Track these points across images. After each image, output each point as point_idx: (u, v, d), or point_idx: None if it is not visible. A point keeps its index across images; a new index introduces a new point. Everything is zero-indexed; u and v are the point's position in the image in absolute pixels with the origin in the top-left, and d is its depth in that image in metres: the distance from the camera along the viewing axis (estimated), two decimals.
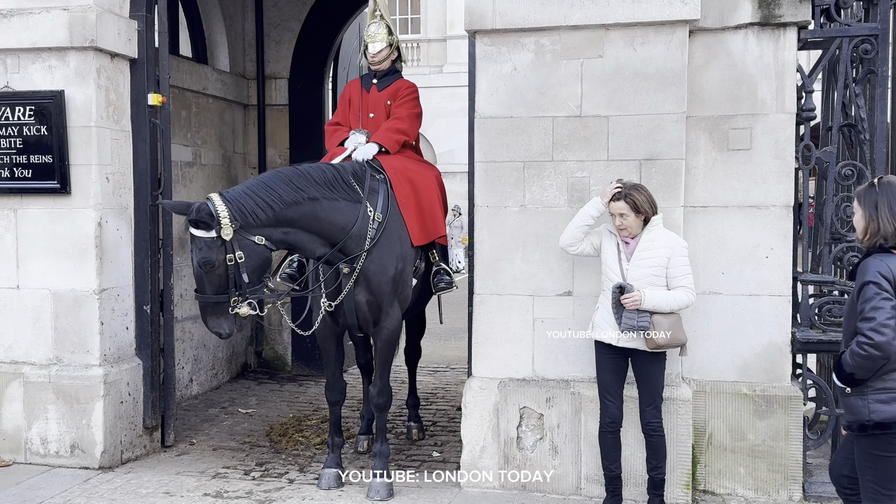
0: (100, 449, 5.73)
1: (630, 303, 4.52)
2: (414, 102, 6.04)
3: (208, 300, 4.85)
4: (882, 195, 3.50)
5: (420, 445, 6.44)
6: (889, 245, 3.48)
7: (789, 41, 5.13)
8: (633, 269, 4.63)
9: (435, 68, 27.27)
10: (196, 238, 4.74)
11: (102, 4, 5.70)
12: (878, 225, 3.48)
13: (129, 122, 6.00)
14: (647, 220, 4.65)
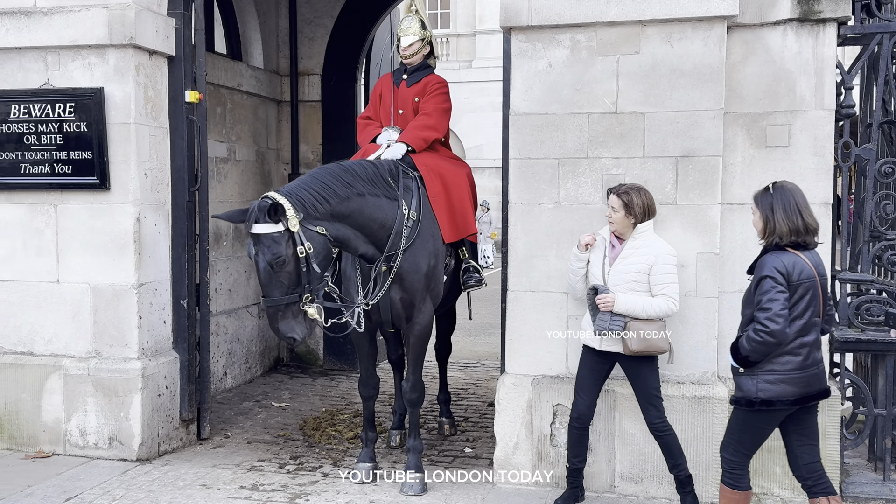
0: (137, 441, 5.82)
1: (602, 304, 4.57)
2: (443, 97, 6.01)
3: (280, 302, 4.66)
4: (776, 199, 3.91)
5: (452, 441, 6.46)
6: (784, 243, 3.88)
7: (829, 37, 5.07)
8: (614, 273, 4.67)
9: (464, 63, 27.25)
10: (262, 236, 4.60)
11: (141, 2, 5.77)
12: (773, 225, 3.89)
13: (166, 119, 6.07)
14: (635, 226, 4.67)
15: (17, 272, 6.03)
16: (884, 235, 5.22)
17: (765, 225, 3.94)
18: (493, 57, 24.78)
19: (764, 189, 4.03)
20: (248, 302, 8.47)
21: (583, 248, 4.77)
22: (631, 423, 5.14)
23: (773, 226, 3.90)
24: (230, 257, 8.14)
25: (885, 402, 5.24)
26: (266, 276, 4.66)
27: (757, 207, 3.99)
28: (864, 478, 5.31)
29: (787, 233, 3.88)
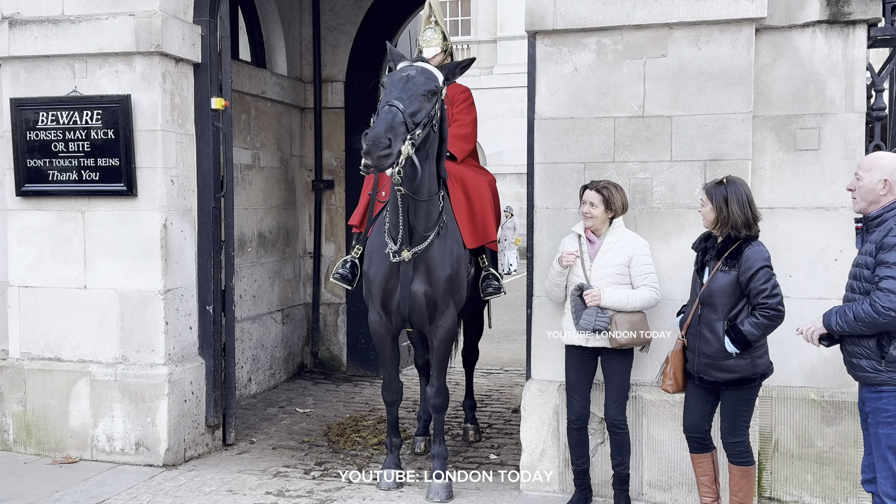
0: (164, 447, 5.83)
1: (590, 299, 4.64)
2: (472, 108, 6.13)
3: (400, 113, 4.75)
4: (730, 192, 4.24)
5: (477, 447, 6.43)
6: (742, 235, 4.24)
7: (859, 39, 5.00)
8: (597, 269, 4.74)
9: (485, 70, 27.25)
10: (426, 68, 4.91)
11: (167, 10, 5.81)
12: (727, 217, 4.23)
13: (192, 126, 6.11)
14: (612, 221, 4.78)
15: (45, 278, 6.08)
16: None
17: (717, 216, 4.26)
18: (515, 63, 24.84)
19: (717, 182, 4.33)
20: (272, 308, 8.49)
21: (566, 264, 4.81)
22: (659, 429, 5.09)
23: (727, 217, 4.24)
24: (255, 263, 8.16)
25: None
26: (404, 83, 4.80)
27: (709, 200, 4.28)
28: None
29: (741, 224, 4.23)
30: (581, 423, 4.93)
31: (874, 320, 3.67)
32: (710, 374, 4.36)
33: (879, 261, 3.69)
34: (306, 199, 9.09)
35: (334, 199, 9.01)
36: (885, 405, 3.76)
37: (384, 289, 5.34)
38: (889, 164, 3.80)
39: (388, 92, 4.80)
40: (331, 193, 9.03)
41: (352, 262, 5.86)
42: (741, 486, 4.43)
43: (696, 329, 4.39)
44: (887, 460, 3.78)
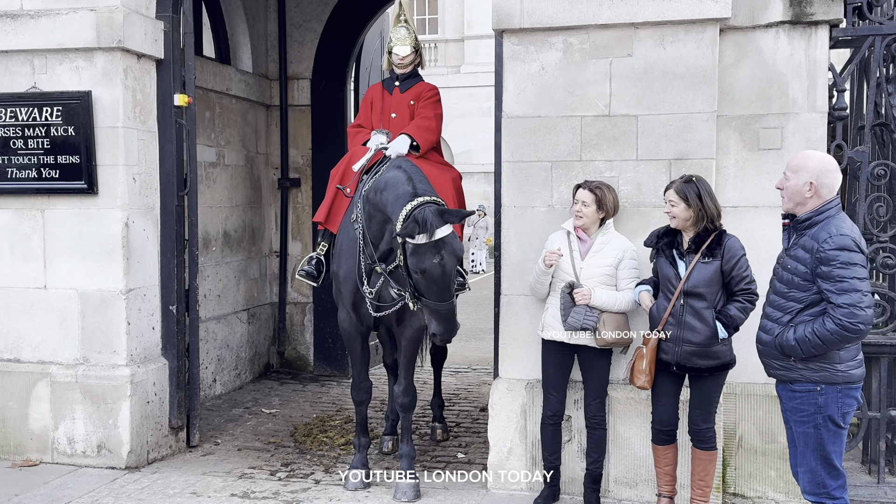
0: (126, 449, 5.74)
1: (581, 297, 4.69)
2: (438, 105, 6.11)
3: (454, 304, 4.81)
4: (701, 188, 4.44)
5: (445, 446, 6.41)
6: (713, 226, 4.45)
7: (821, 40, 5.07)
8: (588, 267, 4.78)
9: (452, 69, 27.27)
10: (447, 238, 4.70)
11: (129, 5, 5.71)
12: (704, 211, 4.41)
13: (155, 123, 6.02)
14: (602, 222, 4.83)
15: (4, 278, 5.95)
16: (876, 238, 5.22)
17: (695, 212, 4.42)
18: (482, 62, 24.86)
19: (685, 181, 4.48)
20: (237, 308, 8.41)
21: (550, 263, 4.82)
22: (626, 426, 5.11)
23: (705, 212, 4.42)
24: (219, 262, 8.07)
25: (879, 404, 5.23)
26: (451, 278, 4.75)
27: (682, 199, 4.43)
28: (858, 480, 5.30)
29: (716, 216, 4.45)
30: (557, 419, 4.97)
31: (844, 338, 3.66)
32: (693, 363, 4.48)
33: (821, 275, 3.67)
34: (272, 198, 9.01)
35: (301, 197, 8.94)
36: (799, 405, 3.83)
37: (355, 291, 5.31)
38: (816, 166, 3.78)
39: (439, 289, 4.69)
40: (297, 192, 8.95)
41: (317, 258, 5.83)
42: (708, 471, 4.62)
43: (679, 320, 4.47)
44: (806, 457, 3.85)
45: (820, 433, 3.78)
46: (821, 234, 3.71)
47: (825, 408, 3.76)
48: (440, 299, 4.69)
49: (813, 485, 3.84)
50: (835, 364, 3.75)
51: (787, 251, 3.91)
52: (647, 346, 4.57)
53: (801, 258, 3.78)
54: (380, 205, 5.08)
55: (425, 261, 4.64)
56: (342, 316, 5.48)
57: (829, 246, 3.65)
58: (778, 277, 3.95)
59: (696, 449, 4.62)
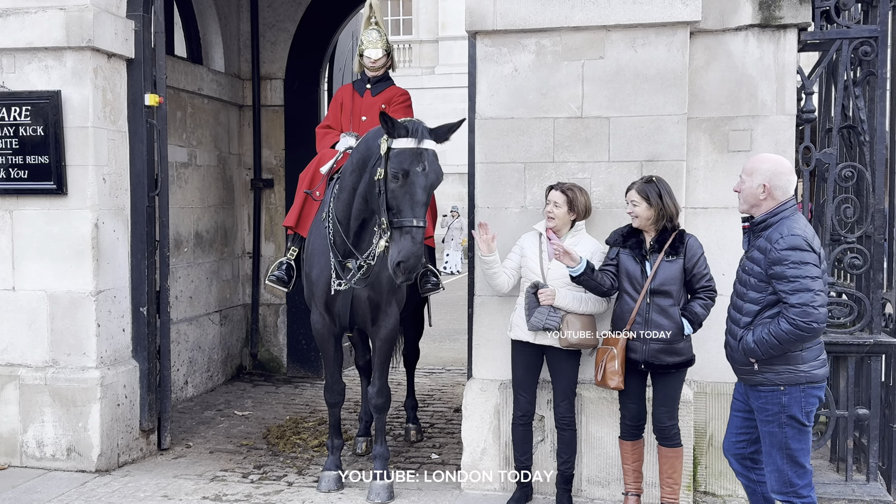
0: (96, 452, 5.68)
1: (544, 297, 4.72)
2: (409, 110, 6.09)
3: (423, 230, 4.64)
4: (661, 187, 4.54)
5: (418, 447, 6.42)
6: (675, 225, 4.57)
7: (789, 43, 5.14)
8: (555, 268, 4.80)
9: (427, 70, 27.27)
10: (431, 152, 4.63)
11: (99, 4, 5.66)
12: (665, 210, 4.52)
13: (125, 123, 5.97)
14: (574, 224, 4.87)
15: None
16: (844, 239, 5.30)
17: (656, 212, 4.52)
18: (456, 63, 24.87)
19: (646, 181, 4.59)
20: (209, 309, 8.35)
21: (490, 251, 4.87)
22: (598, 426, 5.14)
23: (665, 211, 4.53)
24: (191, 264, 8.01)
25: (847, 403, 5.31)
26: (428, 195, 4.64)
27: (644, 199, 4.52)
28: (826, 478, 5.38)
29: (675, 214, 4.57)
30: (527, 419, 4.99)
31: (800, 337, 3.73)
32: (660, 360, 4.58)
33: (775, 275, 3.75)
34: (245, 199, 8.96)
35: (274, 198, 8.90)
36: (764, 405, 3.90)
37: (328, 291, 5.29)
38: (769, 169, 3.86)
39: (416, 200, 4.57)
40: (270, 192, 8.91)
41: (287, 263, 5.80)
42: (675, 467, 4.69)
43: (646, 318, 4.55)
44: (772, 456, 3.90)
45: (784, 432, 3.84)
46: (773, 235, 3.78)
47: (788, 407, 3.83)
48: (413, 214, 4.55)
49: (780, 484, 3.89)
50: (798, 365, 3.82)
51: (746, 253, 3.99)
52: (617, 347, 4.61)
53: (756, 259, 3.86)
54: (358, 157, 4.96)
55: (406, 163, 4.56)
56: (315, 318, 5.46)
57: (781, 246, 3.73)
58: (738, 280, 4.02)
59: (663, 447, 4.70)
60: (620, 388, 4.66)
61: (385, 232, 4.62)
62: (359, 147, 5.07)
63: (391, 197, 4.59)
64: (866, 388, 5.28)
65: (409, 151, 4.58)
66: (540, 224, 4.95)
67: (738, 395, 4.14)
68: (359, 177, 4.96)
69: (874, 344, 5.20)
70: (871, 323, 5.24)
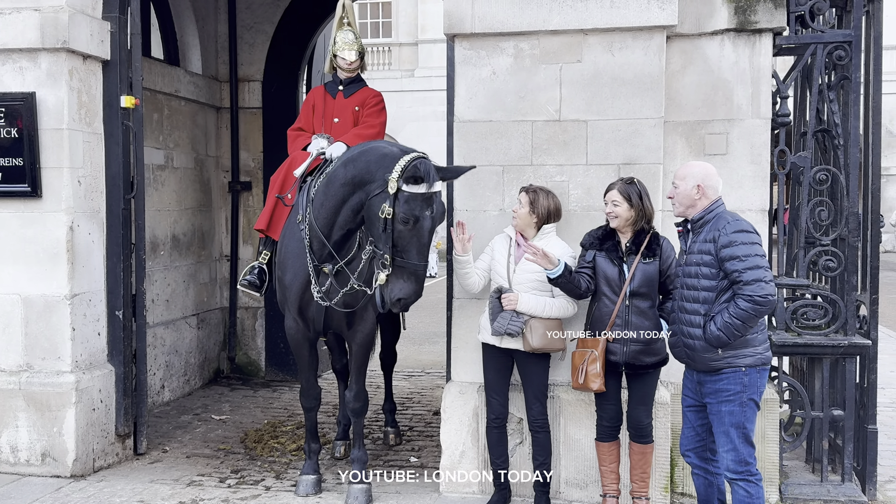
0: (72, 457, 5.62)
1: (507, 303, 4.73)
2: (382, 113, 6.09)
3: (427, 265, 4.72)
4: (641, 189, 4.61)
5: (397, 451, 6.40)
6: (648, 227, 4.64)
7: (765, 47, 5.19)
8: (520, 273, 4.82)
9: (406, 72, 27.25)
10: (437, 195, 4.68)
11: (75, 5, 5.61)
12: (644, 211, 4.59)
13: (101, 125, 5.91)
14: (540, 227, 4.86)
15: None
16: (819, 241, 5.35)
17: (636, 213, 4.58)
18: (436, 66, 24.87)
19: (628, 182, 4.63)
20: (186, 313, 8.29)
21: (465, 251, 4.89)
22: (576, 428, 5.16)
23: (644, 212, 4.60)
24: (168, 267, 7.95)
25: (822, 404, 5.36)
26: (431, 236, 4.70)
27: (625, 199, 4.57)
28: (802, 479, 5.43)
29: (652, 217, 4.67)
30: (501, 422, 5.00)
31: (758, 311, 3.94)
32: (640, 360, 4.65)
33: (727, 256, 3.98)
34: (223, 201, 8.91)
35: (252, 200, 8.86)
36: (725, 385, 4.09)
37: (302, 296, 5.26)
38: (700, 172, 4.19)
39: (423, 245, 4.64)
40: (248, 195, 8.87)
41: (259, 268, 5.77)
42: (648, 462, 4.83)
43: (625, 320, 4.61)
44: (730, 435, 4.10)
45: (744, 412, 4.08)
46: (719, 224, 4.07)
47: (749, 388, 4.08)
48: (420, 258, 4.61)
49: (737, 463, 4.10)
50: (756, 347, 4.09)
51: (687, 253, 4.22)
52: (598, 350, 4.63)
53: (705, 250, 4.09)
54: (354, 173, 4.89)
55: (418, 209, 4.58)
56: (289, 323, 5.42)
57: (730, 230, 4.01)
58: (685, 277, 4.20)
59: (637, 444, 4.79)
60: (602, 391, 4.68)
61: (386, 268, 4.64)
62: (355, 161, 4.93)
63: (398, 237, 4.63)
64: (841, 389, 5.33)
65: (420, 196, 4.60)
66: (510, 227, 4.96)
67: (689, 392, 4.34)
68: (351, 192, 4.91)
69: (849, 345, 5.25)
70: (845, 325, 5.29)
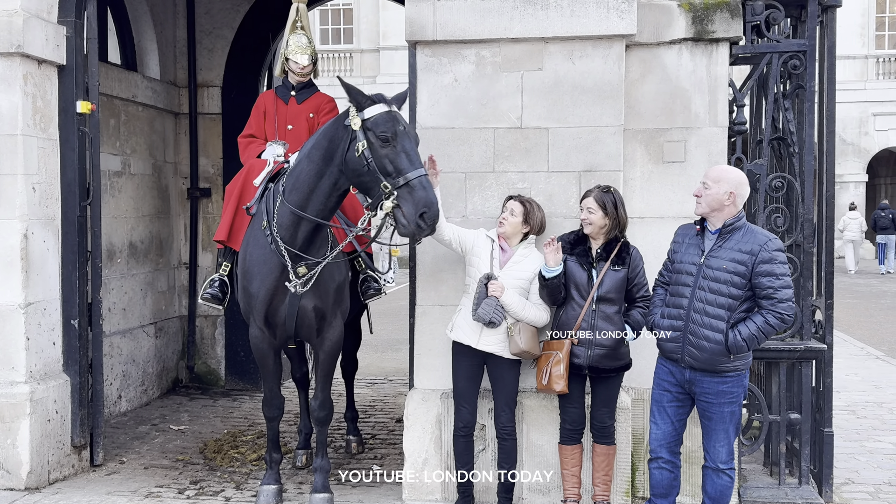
0: (26, 469, 5.50)
1: (494, 288, 4.76)
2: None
3: None
4: (616, 197, 4.69)
5: (360, 459, 6.36)
6: (621, 236, 4.73)
7: (721, 56, 5.27)
8: (505, 276, 4.86)
9: (368, 79, 27.19)
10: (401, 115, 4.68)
11: (30, 9, 5.50)
12: (618, 220, 4.68)
13: (56, 131, 5.81)
14: (526, 237, 4.93)
15: None
16: None
17: (611, 221, 4.67)
18: (398, 73, 24.89)
19: (604, 190, 4.71)
20: (143, 321, 8.16)
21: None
22: (539, 434, 5.17)
23: (618, 221, 4.69)
24: (125, 275, 7.83)
25: (779, 408, 5.44)
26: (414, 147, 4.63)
27: (600, 207, 4.66)
28: (760, 482, 5.51)
29: (625, 226, 4.74)
30: (468, 431, 4.99)
31: (782, 328, 4.33)
32: (604, 364, 4.74)
33: (765, 272, 4.17)
34: (181, 208, 8.79)
35: (211, 207, 8.76)
36: (730, 388, 4.35)
37: (269, 304, 5.18)
38: (735, 179, 4.32)
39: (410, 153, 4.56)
40: (207, 202, 8.77)
41: (220, 280, 5.67)
42: (611, 464, 4.91)
43: (591, 324, 4.69)
44: (728, 432, 4.41)
45: (740, 409, 4.47)
46: (758, 237, 4.25)
47: (745, 388, 4.46)
48: (415, 166, 4.50)
49: (728, 455, 4.44)
50: (751, 352, 4.37)
51: (709, 255, 4.31)
52: (562, 352, 4.70)
53: (740, 260, 4.23)
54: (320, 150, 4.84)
55: (391, 126, 4.55)
56: (254, 332, 5.34)
57: (773, 247, 4.21)
58: (710, 280, 4.29)
59: (601, 445, 4.87)
60: (565, 392, 4.74)
61: (388, 197, 4.50)
62: (318, 143, 4.91)
63: (384, 161, 4.53)
64: (798, 393, 5.42)
65: (386, 114, 4.60)
66: (492, 231, 4.97)
67: (670, 387, 4.48)
68: (326, 166, 4.83)
69: (805, 350, 5.34)
70: (801, 329, 5.38)
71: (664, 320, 4.46)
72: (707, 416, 4.43)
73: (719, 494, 4.47)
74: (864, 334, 12.33)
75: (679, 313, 4.38)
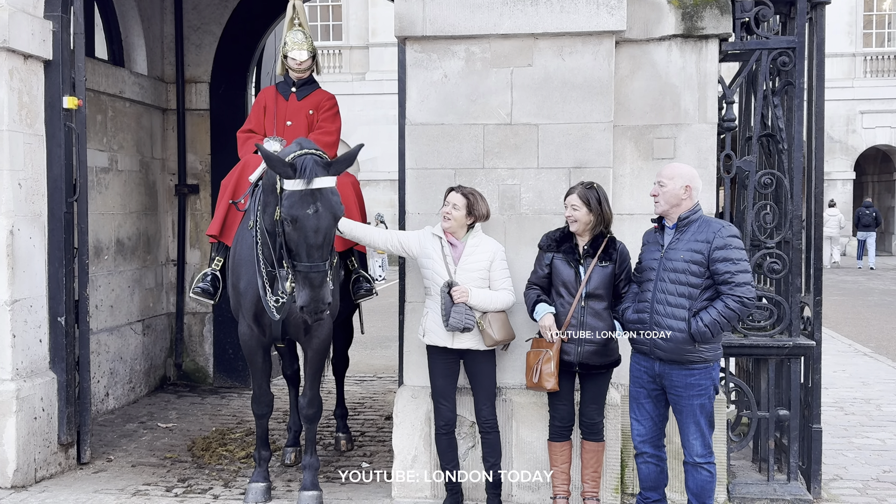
0: (12, 467, 5.46)
1: (459, 295, 4.74)
2: (338, 117, 6.08)
3: (325, 268, 4.49)
4: (600, 194, 4.69)
5: (349, 456, 6.35)
6: (608, 232, 4.73)
7: (711, 53, 5.27)
8: (462, 272, 4.84)
9: (357, 76, 27.13)
10: (326, 190, 4.45)
11: (15, 4, 5.45)
12: (603, 216, 4.67)
13: (42, 126, 5.76)
14: (472, 226, 4.91)
15: None
16: (764, 244, 5.44)
17: (596, 218, 4.67)
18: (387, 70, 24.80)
19: (586, 187, 4.69)
20: (131, 319, 8.11)
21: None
22: (529, 431, 5.17)
23: (602, 217, 4.68)
24: (112, 272, 7.77)
25: (768, 404, 5.45)
26: (324, 237, 4.46)
27: (585, 204, 4.64)
28: (749, 478, 5.52)
29: (610, 221, 4.75)
30: (450, 428, 4.99)
31: (744, 312, 4.30)
32: (594, 361, 4.74)
33: (721, 258, 4.25)
34: (169, 205, 8.74)
35: (199, 204, 8.71)
36: (698, 381, 4.39)
37: (257, 302, 5.16)
38: (688, 173, 4.45)
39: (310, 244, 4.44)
40: (195, 198, 8.72)
41: (213, 274, 5.65)
42: (600, 461, 4.92)
43: (580, 321, 4.68)
44: (700, 424, 4.44)
45: (711, 402, 4.45)
46: (712, 226, 4.35)
47: (714, 380, 4.45)
48: (308, 258, 4.42)
49: (704, 447, 4.46)
50: (716, 343, 4.41)
51: (669, 248, 4.41)
52: (552, 350, 4.68)
53: (697, 249, 4.31)
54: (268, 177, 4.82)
55: (297, 208, 4.41)
56: (243, 329, 5.32)
57: (725, 234, 4.30)
58: (669, 272, 4.36)
59: (589, 442, 4.87)
60: (556, 390, 4.73)
61: (287, 277, 4.57)
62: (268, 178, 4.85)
63: (288, 240, 4.50)
64: (786, 389, 5.44)
65: (297, 194, 4.43)
66: (437, 227, 4.95)
67: (645, 383, 4.53)
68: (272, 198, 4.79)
69: (793, 346, 5.35)
70: (790, 326, 5.39)
71: (634, 314, 4.54)
72: (678, 409, 4.48)
73: (700, 489, 4.49)
74: (851, 331, 12.39)
75: (644, 306, 4.47)
